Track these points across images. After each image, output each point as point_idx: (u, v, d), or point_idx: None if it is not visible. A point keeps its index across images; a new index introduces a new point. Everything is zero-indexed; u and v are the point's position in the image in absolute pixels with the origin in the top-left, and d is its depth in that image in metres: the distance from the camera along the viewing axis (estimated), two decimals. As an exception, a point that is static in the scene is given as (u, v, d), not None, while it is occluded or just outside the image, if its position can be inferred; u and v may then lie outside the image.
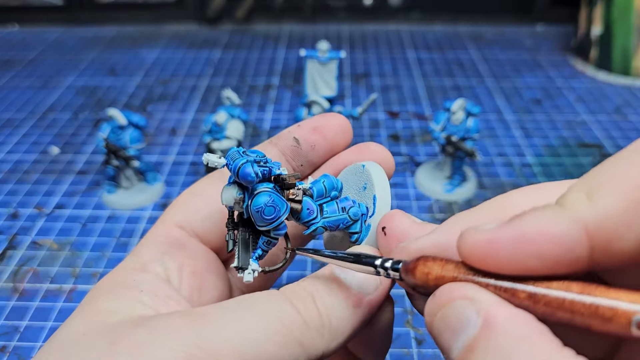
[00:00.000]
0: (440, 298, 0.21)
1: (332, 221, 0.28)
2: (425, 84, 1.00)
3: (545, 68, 1.06)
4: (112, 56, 1.12)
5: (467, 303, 0.20)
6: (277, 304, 0.24)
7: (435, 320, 0.21)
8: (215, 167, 0.25)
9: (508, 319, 0.19)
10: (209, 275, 0.31)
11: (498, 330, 0.18)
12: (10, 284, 0.57)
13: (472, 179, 0.72)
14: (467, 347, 0.19)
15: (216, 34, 1.23)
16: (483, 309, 0.19)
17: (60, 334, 0.25)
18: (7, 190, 0.71)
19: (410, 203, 0.69)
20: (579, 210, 0.18)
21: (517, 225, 0.19)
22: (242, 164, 0.24)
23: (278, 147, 0.32)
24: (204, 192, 0.32)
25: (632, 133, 0.83)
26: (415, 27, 1.26)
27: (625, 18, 0.95)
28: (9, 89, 0.99)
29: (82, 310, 0.26)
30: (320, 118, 0.32)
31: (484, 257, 0.20)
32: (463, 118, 0.66)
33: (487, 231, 0.19)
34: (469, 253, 0.20)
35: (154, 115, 0.90)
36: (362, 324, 0.26)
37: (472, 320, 0.19)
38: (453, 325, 0.20)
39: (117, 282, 0.28)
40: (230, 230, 0.27)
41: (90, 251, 0.61)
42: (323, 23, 1.28)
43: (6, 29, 1.26)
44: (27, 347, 0.50)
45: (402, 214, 0.27)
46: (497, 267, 0.19)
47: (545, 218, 0.19)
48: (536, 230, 0.19)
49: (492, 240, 0.19)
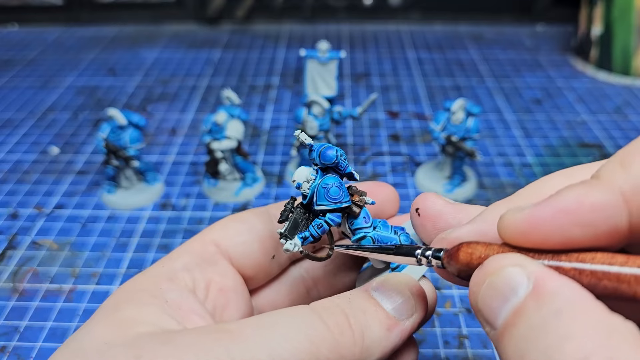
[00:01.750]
0: (489, 266, 0.21)
1: (382, 237, 0.29)
2: (426, 84, 0.99)
3: (545, 68, 1.06)
4: (112, 56, 1.12)
5: (518, 269, 0.20)
6: (306, 321, 0.24)
7: (483, 288, 0.20)
8: (303, 144, 0.27)
9: (558, 284, 0.19)
10: (235, 296, 0.31)
11: (548, 293, 0.18)
12: (10, 284, 0.57)
13: (472, 179, 0.71)
14: (515, 310, 0.19)
15: (216, 34, 1.23)
16: (534, 274, 0.19)
17: (81, 339, 0.24)
18: (6, 190, 0.71)
19: (411, 203, 0.68)
20: (614, 178, 0.19)
21: (556, 199, 0.19)
22: (327, 146, 0.27)
23: None
24: (247, 220, 0.32)
25: (633, 133, 0.83)
26: (415, 26, 1.26)
27: (626, 18, 0.95)
28: (8, 89, 0.99)
29: (104, 315, 0.26)
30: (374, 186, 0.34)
31: (526, 234, 0.20)
32: (463, 118, 0.66)
33: (527, 209, 0.20)
34: (510, 232, 0.20)
35: (154, 115, 0.90)
36: (392, 350, 0.25)
37: (522, 284, 0.19)
38: (502, 290, 0.20)
39: (143, 288, 0.28)
40: (288, 207, 0.28)
41: (90, 251, 0.61)
42: (323, 23, 1.28)
43: (6, 28, 1.26)
44: (27, 348, 0.50)
45: (435, 195, 0.28)
46: (539, 242, 0.20)
47: (582, 190, 0.19)
48: (575, 201, 0.19)
49: (533, 216, 0.20)
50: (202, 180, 0.71)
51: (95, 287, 0.56)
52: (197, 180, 0.73)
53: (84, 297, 0.55)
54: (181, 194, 0.70)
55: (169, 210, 0.68)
